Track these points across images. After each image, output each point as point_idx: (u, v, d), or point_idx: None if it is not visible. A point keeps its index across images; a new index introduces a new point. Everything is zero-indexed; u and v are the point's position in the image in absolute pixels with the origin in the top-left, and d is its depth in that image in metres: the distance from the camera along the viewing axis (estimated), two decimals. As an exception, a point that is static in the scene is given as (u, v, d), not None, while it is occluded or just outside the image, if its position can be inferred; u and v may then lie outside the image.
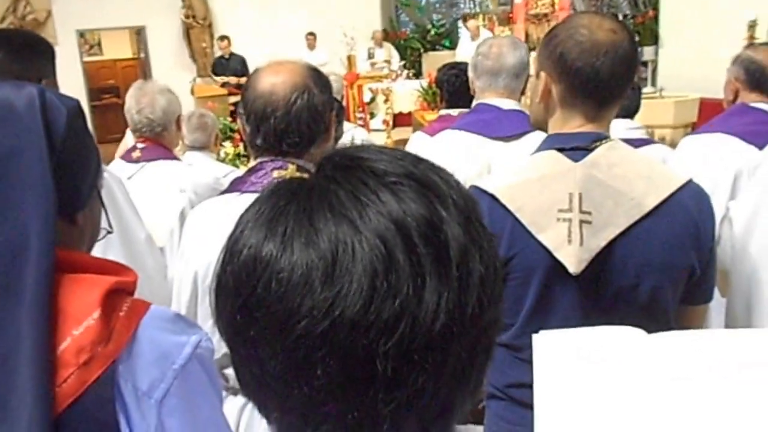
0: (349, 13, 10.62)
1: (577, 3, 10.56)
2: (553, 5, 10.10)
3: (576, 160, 1.40)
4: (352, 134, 3.11)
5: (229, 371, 1.66)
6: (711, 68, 2.61)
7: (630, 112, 3.06)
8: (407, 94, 9.18)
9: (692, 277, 1.45)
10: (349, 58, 8.45)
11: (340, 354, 0.53)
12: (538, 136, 2.23)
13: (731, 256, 1.61)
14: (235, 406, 1.68)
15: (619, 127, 2.75)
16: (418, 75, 10.47)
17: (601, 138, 1.42)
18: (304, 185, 0.58)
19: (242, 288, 0.55)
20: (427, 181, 0.58)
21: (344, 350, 0.52)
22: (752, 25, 7.84)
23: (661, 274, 1.40)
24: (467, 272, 0.55)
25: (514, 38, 2.71)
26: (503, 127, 2.30)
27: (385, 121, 9.43)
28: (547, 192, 1.41)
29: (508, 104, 2.35)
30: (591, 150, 1.41)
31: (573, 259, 1.38)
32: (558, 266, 1.40)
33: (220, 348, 1.30)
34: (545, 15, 10.19)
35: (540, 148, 1.50)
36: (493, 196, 1.44)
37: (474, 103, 2.46)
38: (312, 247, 0.53)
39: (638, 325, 1.09)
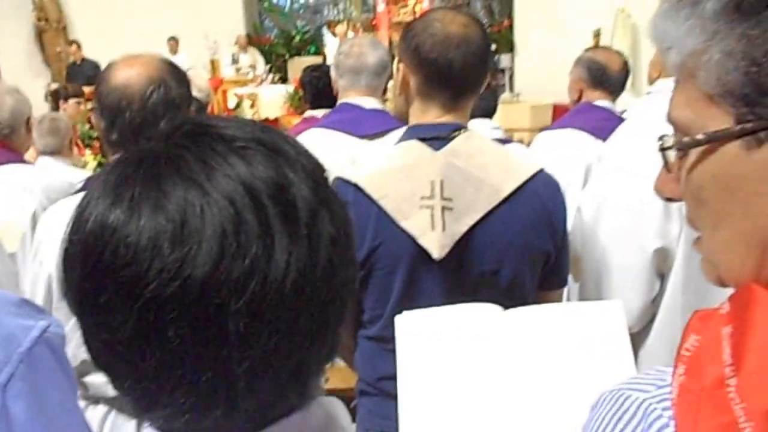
0: (212, 17, 10.39)
1: (437, 12, 10.90)
2: (414, 13, 10.39)
3: (436, 149, 1.44)
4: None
5: (90, 379, 1.60)
6: (562, 75, 2.76)
7: (489, 112, 3.17)
8: (274, 99, 9.10)
9: (548, 262, 1.51)
10: (213, 62, 8.27)
11: (191, 315, 0.52)
12: (400, 134, 2.27)
13: (581, 243, 1.69)
14: (97, 415, 1.62)
15: (480, 127, 2.83)
16: (284, 80, 10.41)
17: (460, 128, 1.47)
18: (151, 152, 0.57)
19: (90, 256, 0.54)
20: (275, 145, 0.59)
21: (195, 311, 0.52)
22: (597, 34, 8.43)
23: (520, 257, 1.46)
24: (317, 233, 0.57)
25: (375, 39, 2.74)
26: (366, 126, 2.32)
27: (251, 127, 9.27)
28: (410, 180, 1.43)
29: (370, 103, 2.38)
30: (450, 139, 1.44)
31: (436, 244, 1.40)
32: (422, 253, 1.42)
33: (79, 354, 1.24)
34: (408, 23, 10.48)
35: (401, 139, 1.52)
36: (357, 186, 1.45)
37: (337, 102, 2.46)
38: (160, 211, 0.53)
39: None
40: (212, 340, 0.53)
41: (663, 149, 0.62)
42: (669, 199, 0.65)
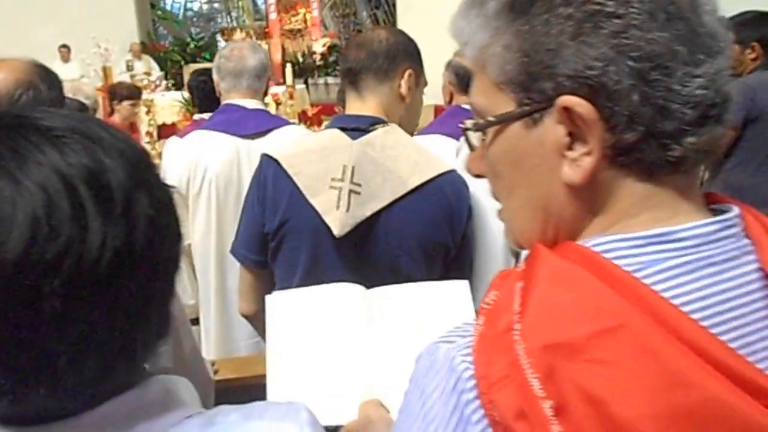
0: (105, 25, 10.06)
1: (327, 21, 10.99)
2: (305, 21, 10.47)
3: (354, 139, 1.53)
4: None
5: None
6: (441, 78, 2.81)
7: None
8: (169, 105, 8.90)
9: (447, 255, 1.60)
10: (105, 69, 8.02)
11: (5, 296, 0.54)
12: (284, 132, 2.35)
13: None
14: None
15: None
16: (179, 87, 10.21)
17: (380, 122, 1.57)
18: None
19: None
20: (92, 134, 0.61)
21: (9, 292, 0.54)
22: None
23: (418, 246, 1.54)
24: (134, 214, 0.60)
25: (254, 43, 2.79)
26: (249, 125, 2.37)
27: (148, 133, 9.04)
28: (324, 162, 1.52)
29: (252, 104, 2.43)
30: (369, 131, 1.54)
31: (337, 223, 1.48)
32: (327, 230, 1.50)
33: None
34: (299, 30, 10.54)
35: (326, 127, 1.64)
36: (277, 162, 1.55)
37: (221, 104, 2.50)
38: None
39: None
40: (28, 319, 0.55)
41: (465, 131, 0.69)
42: (477, 176, 0.71)
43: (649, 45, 0.56)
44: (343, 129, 1.56)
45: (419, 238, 1.54)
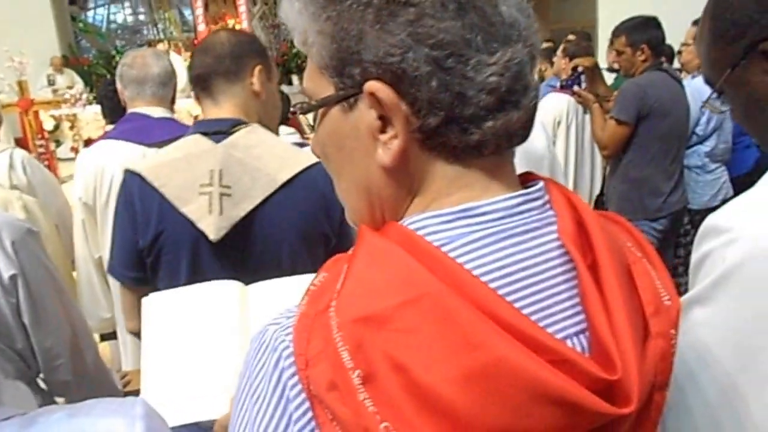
0: (21, 39, 9.70)
1: (257, 31, 10.92)
2: (232, 31, 10.32)
3: (217, 142, 1.52)
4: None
5: None
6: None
7: (283, 119, 3.28)
8: (94, 119, 8.66)
9: (329, 245, 1.60)
10: (20, 84, 7.74)
11: None
12: (189, 141, 2.31)
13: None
14: None
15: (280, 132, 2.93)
16: (104, 100, 9.95)
17: (240, 123, 1.56)
18: None
19: None
20: None
21: None
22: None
23: (297, 239, 1.54)
24: None
25: (157, 50, 2.75)
26: (154, 134, 2.32)
27: (73, 148, 8.78)
28: (191, 170, 1.50)
29: (158, 112, 2.40)
30: (231, 133, 1.53)
31: (212, 227, 1.47)
32: (203, 237, 1.48)
33: None
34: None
35: (186, 134, 1.60)
36: (140, 176, 1.51)
37: (126, 113, 2.46)
38: None
39: None
40: None
41: (294, 113, 0.73)
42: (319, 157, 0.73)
43: (442, 33, 0.57)
44: (204, 134, 1.55)
45: (298, 231, 1.54)
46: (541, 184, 0.65)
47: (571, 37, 4.43)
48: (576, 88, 3.50)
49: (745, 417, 0.72)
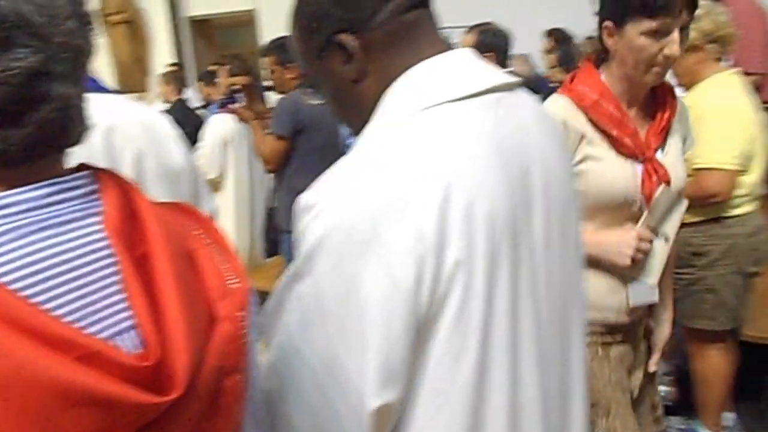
0: None
1: None
2: None
3: None
4: None
5: None
6: None
7: None
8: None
9: None
10: None
11: None
12: None
13: None
14: None
15: None
16: None
17: None
18: None
19: None
20: None
21: None
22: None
23: None
24: None
25: None
26: None
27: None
28: None
29: None
30: None
31: None
32: None
33: None
34: None
35: None
36: None
37: None
38: None
39: None
40: None
41: None
42: None
43: None
44: None
45: None
46: (86, 173, 0.57)
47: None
48: (235, 105, 3.50)
49: (345, 379, 0.72)
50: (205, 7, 7.76)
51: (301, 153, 3.23)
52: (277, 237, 3.52)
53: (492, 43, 3.11)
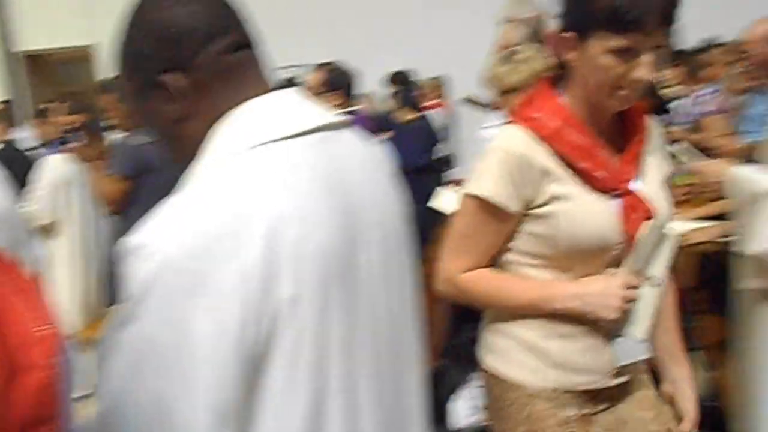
0: None
1: None
2: None
3: None
4: None
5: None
6: None
7: None
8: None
9: None
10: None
11: None
12: None
13: None
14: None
15: None
16: None
17: None
18: None
19: None
20: None
21: None
22: None
23: None
24: None
25: None
26: None
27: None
28: None
29: None
30: None
31: None
32: None
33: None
34: None
35: None
36: None
37: None
38: None
39: None
40: None
41: None
42: None
43: None
44: None
45: None
46: None
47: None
48: (74, 145, 3.31)
49: (179, 423, 0.71)
50: (41, 41, 7.32)
51: (147, 192, 3.09)
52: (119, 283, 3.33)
53: (338, 82, 3.19)
